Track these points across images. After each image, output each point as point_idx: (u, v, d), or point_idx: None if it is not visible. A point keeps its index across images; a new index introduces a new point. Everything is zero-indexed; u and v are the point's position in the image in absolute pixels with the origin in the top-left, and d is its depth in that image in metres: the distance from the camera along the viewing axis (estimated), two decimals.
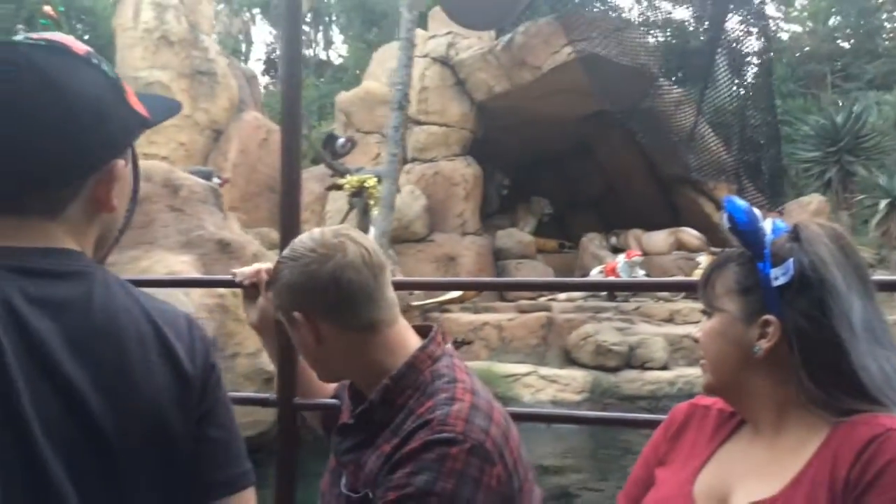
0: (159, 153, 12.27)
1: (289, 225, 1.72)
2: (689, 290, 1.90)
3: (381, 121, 13.43)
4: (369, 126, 14.77)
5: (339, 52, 32.90)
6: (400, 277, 3.00)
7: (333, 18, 32.09)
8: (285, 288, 1.20)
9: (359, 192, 11.86)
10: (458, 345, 9.51)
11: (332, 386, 1.54)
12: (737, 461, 1.06)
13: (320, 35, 31.65)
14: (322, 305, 1.17)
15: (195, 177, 8.86)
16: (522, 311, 10.86)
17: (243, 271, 1.60)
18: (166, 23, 13.42)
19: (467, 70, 13.64)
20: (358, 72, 22.05)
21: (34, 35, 0.90)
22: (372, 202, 11.59)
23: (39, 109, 0.84)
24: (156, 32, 13.29)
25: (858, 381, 0.94)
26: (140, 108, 0.94)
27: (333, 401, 1.52)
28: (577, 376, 9.23)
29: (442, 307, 10.96)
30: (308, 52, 28.67)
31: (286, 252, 1.23)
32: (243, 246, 8.13)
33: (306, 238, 1.21)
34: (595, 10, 10.87)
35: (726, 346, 1.05)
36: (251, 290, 1.58)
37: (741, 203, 1.05)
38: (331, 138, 12.87)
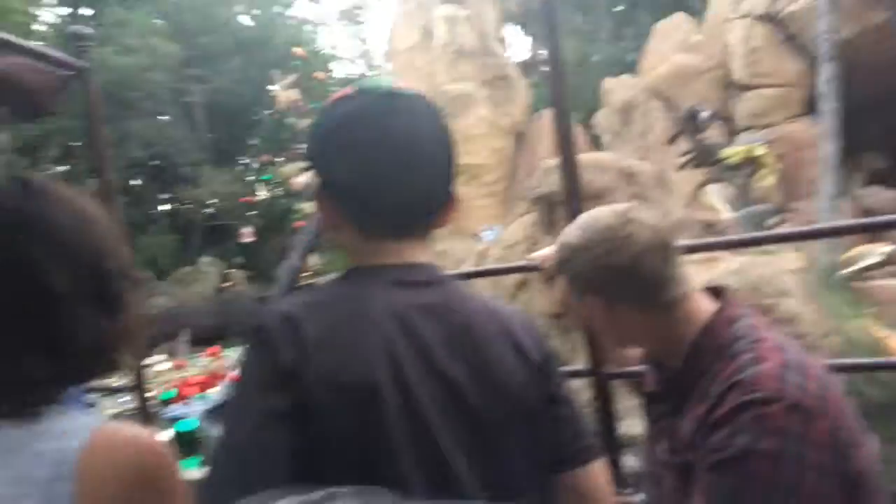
0: (475, 161, 12.21)
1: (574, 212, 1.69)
2: None
3: (700, 94, 11.81)
4: (686, 103, 13.09)
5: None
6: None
7: None
8: (579, 276, 1.23)
9: (738, 166, 10.32)
10: None
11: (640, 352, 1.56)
12: None
13: None
14: (618, 291, 1.20)
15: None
16: None
17: (540, 254, 1.67)
18: (460, 35, 13.45)
19: (799, 23, 11.49)
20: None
21: (393, 84, 1.01)
22: (764, 170, 10.06)
23: (436, 149, 1.02)
24: (451, 46, 13.39)
25: None
26: None
27: (644, 367, 1.48)
28: None
29: (864, 274, 8.75)
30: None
31: (575, 237, 1.23)
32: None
33: (590, 220, 1.22)
34: None
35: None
36: (550, 271, 1.60)
37: None
38: (692, 113, 11.59)
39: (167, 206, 27.10)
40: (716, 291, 1.26)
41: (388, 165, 0.98)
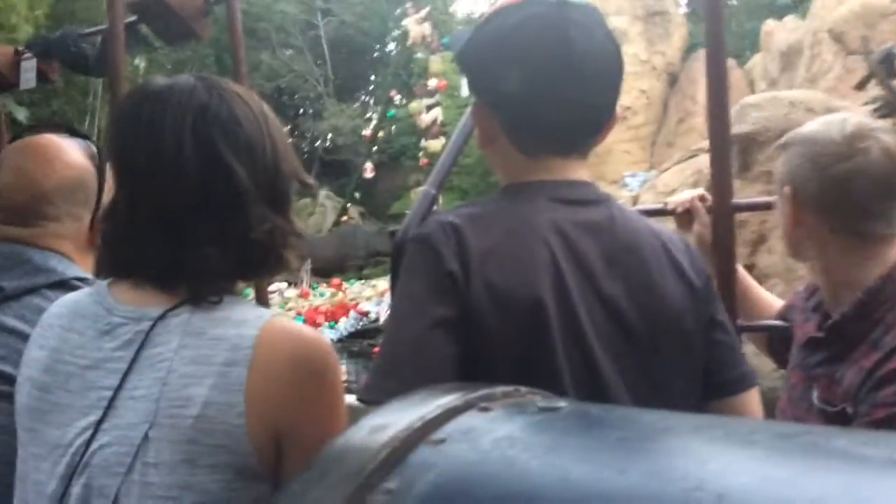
0: (622, 103, 11.40)
1: (720, 158, 1.61)
2: None
3: (889, 37, 10.45)
4: (862, 48, 11.68)
5: None
6: None
7: None
8: (792, 163, 1.18)
9: None
10: None
11: (776, 308, 1.53)
12: None
13: None
14: (817, 199, 1.15)
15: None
16: None
17: (676, 199, 1.62)
18: None
19: None
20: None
21: None
22: None
23: (609, 61, 0.99)
24: None
25: None
26: None
27: (779, 322, 1.49)
28: None
29: None
30: None
31: (813, 127, 1.18)
32: None
33: (838, 124, 1.15)
34: None
35: None
36: (684, 216, 1.58)
37: None
38: (888, 55, 10.32)
39: (288, 139, 27.53)
40: None
41: (562, 78, 0.95)
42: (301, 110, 26.87)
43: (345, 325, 10.25)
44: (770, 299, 1.61)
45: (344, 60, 26.11)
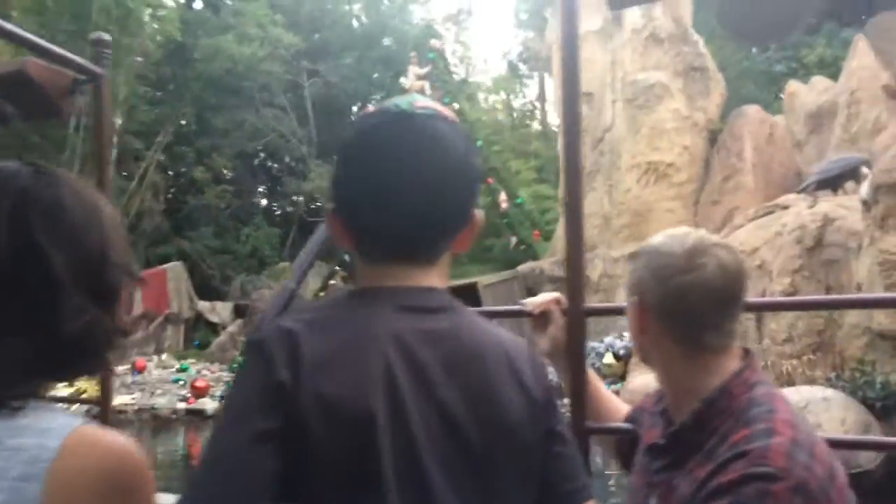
0: (664, 159, 10.96)
1: (573, 236, 1.66)
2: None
3: None
4: None
5: None
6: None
7: None
8: (637, 273, 1.23)
9: None
10: None
11: (624, 411, 1.57)
12: None
13: None
14: (659, 307, 1.18)
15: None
16: None
17: (533, 301, 1.64)
18: (654, 20, 12.15)
19: None
20: None
21: (417, 104, 0.98)
22: None
23: (447, 173, 0.97)
24: (644, 32, 12.12)
25: None
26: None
27: (626, 425, 1.51)
28: None
29: None
30: None
31: (659, 240, 1.23)
32: None
33: (680, 238, 1.20)
34: None
35: None
36: (540, 319, 1.61)
37: None
38: None
39: (265, 201, 26.76)
40: (742, 352, 1.22)
41: (403, 189, 0.95)
42: (282, 171, 26.18)
43: None
44: (618, 402, 1.65)
45: (328, 121, 25.69)
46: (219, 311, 18.46)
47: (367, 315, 0.94)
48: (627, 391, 8.78)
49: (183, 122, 23.40)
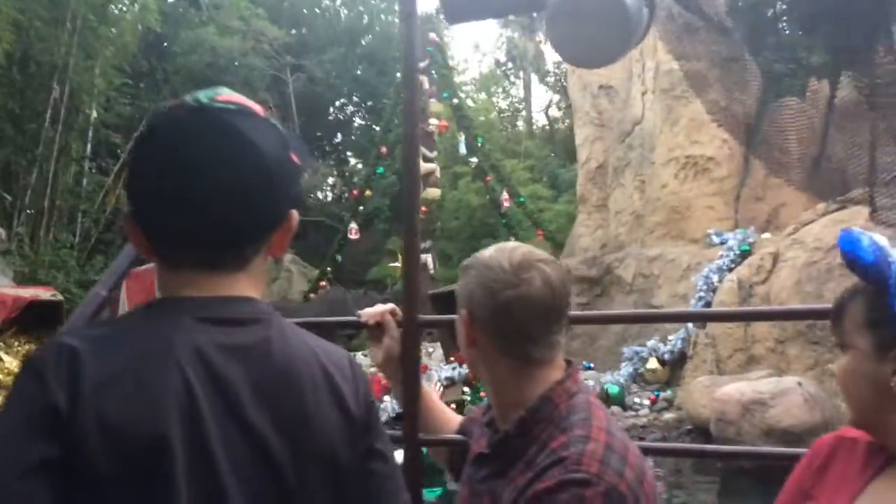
0: (704, 153, 10.57)
1: (409, 230, 1.71)
2: (821, 319, 1.67)
3: None
4: None
5: None
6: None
7: None
8: (466, 288, 1.25)
9: None
10: None
11: (456, 423, 1.59)
12: (893, 496, 1.01)
13: None
14: (486, 321, 1.21)
15: None
16: None
17: (368, 311, 1.65)
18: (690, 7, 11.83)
19: None
20: None
21: (219, 97, 0.93)
22: None
23: (244, 170, 0.90)
24: (680, 19, 11.80)
25: None
26: (295, 156, 0.98)
27: (457, 436, 1.55)
28: None
29: None
30: None
31: (488, 254, 1.25)
32: None
33: (507, 251, 1.23)
34: None
35: (861, 384, 1.02)
36: (376, 330, 1.62)
37: (860, 236, 1.00)
38: None
39: None
40: (564, 363, 1.25)
41: (181, 188, 0.89)
42: None
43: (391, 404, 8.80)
44: (450, 414, 1.66)
45: (310, 118, 25.01)
46: None
47: (164, 328, 0.87)
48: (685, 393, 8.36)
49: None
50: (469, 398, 9.03)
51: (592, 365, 10.03)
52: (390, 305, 1.64)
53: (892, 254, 0.98)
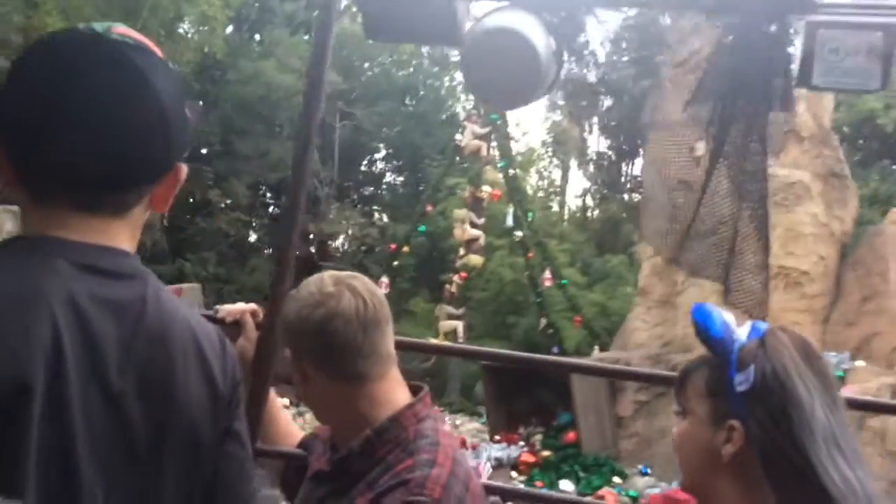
0: (799, 266, 10.22)
1: (285, 254, 1.69)
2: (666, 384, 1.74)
3: None
4: None
5: None
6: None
7: None
8: (283, 324, 1.25)
9: None
10: None
11: (299, 437, 1.53)
12: None
13: None
14: (309, 350, 1.20)
15: None
16: None
17: (226, 308, 1.61)
18: (795, 115, 11.66)
19: None
20: None
21: (117, 29, 0.88)
22: None
23: (135, 107, 0.86)
24: (785, 126, 11.62)
25: (823, 490, 0.91)
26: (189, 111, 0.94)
27: (296, 451, 1.49)
28: None
29: None
30: None
31: (299, 288, 1.25)
32: None
33: (314, 280, 1.24)
34: None
35: (695, 449, 1.06)
36: (232, 328, 1.55)
37: (712, 311, 1.06)
38: None
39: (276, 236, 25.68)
40: (414, 388, 1.26)
41: (59, 114, 0.83)
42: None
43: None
44: (293, 427, 1.61)
45: (350, 166, 24.98)
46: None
47: (34, 270, 0.80)
48: None
49: (207, 141, 22.34)
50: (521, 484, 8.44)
51: (650, 471, 9.43)
52: (252, 305, 1.60)
53: (737, 332, 1.05)
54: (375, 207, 27.32)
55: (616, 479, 9.01)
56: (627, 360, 10.52)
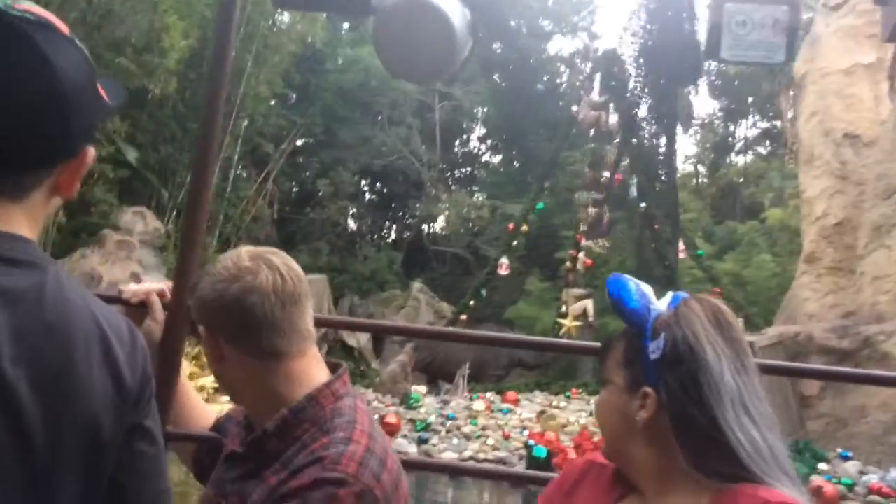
0: None
1: (191, 234, 1.64)
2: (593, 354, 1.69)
3: None
4: None
5: None
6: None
7: None
8: (197, 301, 1.20)
9: None
10: None
11: (212, 419, 1.50)
12: None
13: None
14: (224, 326, 1.16)
15: None
16: None
17: (131, 289, 1.56)
18: None
19: None
20: None
21: (17, 5, 0.84)
22: None
23: (32, 87, 0.82)
24: None
25: (731, 451, 0.94)
26: (103, 93, 0.93)
27: (208, 433, 1.46)
28: None
29: None
30: None
31: (213, 264, 1.20)
32: None
33: (230, 255, 1.21)
34: None
35: (614, 416, 1.08)
36: (138, 309, 1.52)
37: (628, 282, 1.07)
38: None
39: (386, 222, 25.58)
40: (333, 366, 1.24)
41: None
42: (403, 192, 24.98)
43: None
44: (206, 410, 1.57)
45: (450, 146, 24.60)
46: (357, 334, 16.98)
47: None
48: None
49: (311, 132, 22.40)
50: None
51: (851, 454, 8.64)
52: (159, 285, 1.57)
53: (654, 302, 1.06)
54: (475, 188, 26.92)
55: (822, 466, 8.28)
56: (809, 334, 9.68)
